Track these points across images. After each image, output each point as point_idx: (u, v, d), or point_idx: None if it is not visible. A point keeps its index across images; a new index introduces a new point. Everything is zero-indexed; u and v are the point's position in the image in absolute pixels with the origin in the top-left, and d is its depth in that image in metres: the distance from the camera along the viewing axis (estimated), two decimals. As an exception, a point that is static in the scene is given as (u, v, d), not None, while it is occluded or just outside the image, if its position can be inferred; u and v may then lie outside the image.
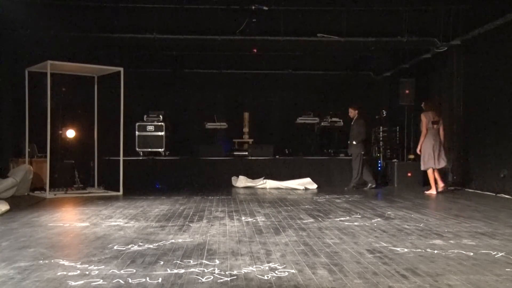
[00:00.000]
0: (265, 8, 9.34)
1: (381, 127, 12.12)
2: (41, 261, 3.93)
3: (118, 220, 6.02)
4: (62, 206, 7.54)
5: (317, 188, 10.32)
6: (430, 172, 9.31)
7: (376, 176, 10.72)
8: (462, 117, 10.32)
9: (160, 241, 4.71)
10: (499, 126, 8.86)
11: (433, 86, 11.44)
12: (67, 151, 10.30)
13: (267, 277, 3.50)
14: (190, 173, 11.01)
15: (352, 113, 10.42)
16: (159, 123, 11.57)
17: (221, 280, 3.40)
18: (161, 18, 9.89)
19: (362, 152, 10.16)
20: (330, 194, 9.16)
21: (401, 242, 4.72)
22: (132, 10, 9.68)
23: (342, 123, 12.52)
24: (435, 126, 9.22)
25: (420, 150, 9.39)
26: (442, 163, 9.28)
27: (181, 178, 10.92)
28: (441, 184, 9.30)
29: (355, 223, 5.83)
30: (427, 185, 10.59)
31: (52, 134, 8.94)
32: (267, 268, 3.74)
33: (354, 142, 10.16)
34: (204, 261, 3.93)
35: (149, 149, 11.55)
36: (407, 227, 5.56)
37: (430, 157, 9.21)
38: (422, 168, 9.46)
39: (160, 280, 3.41)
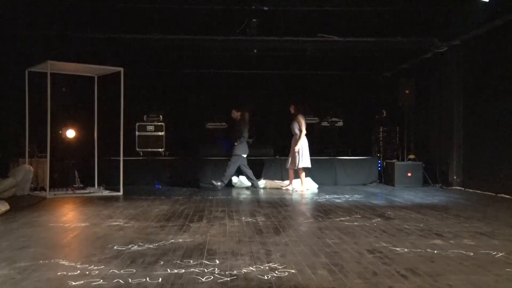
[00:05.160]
0: (265, 8, 9.33)
1: (381, 127, 12.11)
2: (41, 261, 3.93)
3: (118, 220, 6.02)
4: (62, 206, 7.54)
5: (317, 188, 10.32)
6: (302, 171, 9.80)
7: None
8: (462, 117, 10.32)
9: (160, 241, 4.71)
10: (499, 126, 8.86)
11: (433, 86, 11.43)
12: (67, 151, 10.30)
13: (267, 277, 3.50)
14: (190, 173, 11.01)
15: (235, 114, 10.48)
16: (159, 123, 11.58)
17: (221, 280, 3.40)
18: (161, 18, 9.89)
19: (244, 156, 10.17)
20: (330, 194, 9.16)
21: (401, 242, 4.72)
22: (132, 10, 9.68)
23: (342, 123, 12.50)
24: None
25: (298, 149, 9.69)
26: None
27: (181, 178, 10.93)
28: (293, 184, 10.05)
29: (355, 223, 5.83)
30: (427, 185, 10.62)
31: (52, 134, 8.93)
32: (267, 268, 3.74)
33: (235, 144, 10.20)
34: (204, 261, 3.93)
35: (149, 149, 11.56)
36: (407, 227, 5.56)
37: (307, 157, 9.74)
38: (301, 165, 9.73)
39: (160, 280, 3.41)
